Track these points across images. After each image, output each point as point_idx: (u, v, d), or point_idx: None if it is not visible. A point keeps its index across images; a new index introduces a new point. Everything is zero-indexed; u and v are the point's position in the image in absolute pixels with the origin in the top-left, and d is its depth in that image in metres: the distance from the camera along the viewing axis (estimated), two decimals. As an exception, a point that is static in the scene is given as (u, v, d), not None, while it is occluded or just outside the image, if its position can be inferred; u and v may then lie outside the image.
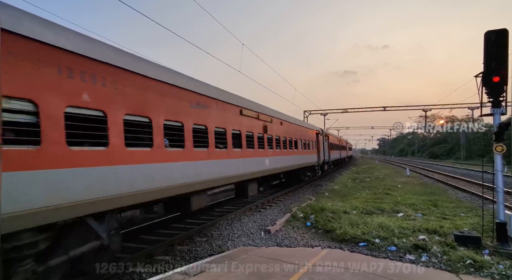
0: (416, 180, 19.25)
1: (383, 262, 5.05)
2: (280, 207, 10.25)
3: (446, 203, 10.41)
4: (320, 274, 4.39)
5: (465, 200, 11.63)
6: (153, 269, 5.09)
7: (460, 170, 27.55)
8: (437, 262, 5.01)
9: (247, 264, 4.85)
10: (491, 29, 5.74)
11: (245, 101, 9.26)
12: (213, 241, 6.52)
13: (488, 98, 5.90)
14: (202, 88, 6.80)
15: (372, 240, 6.03)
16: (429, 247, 5.50)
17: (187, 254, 5.86)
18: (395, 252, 5.52)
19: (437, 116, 61.99)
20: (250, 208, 9.92)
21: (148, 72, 5.13)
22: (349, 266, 4.69)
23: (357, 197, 11.94)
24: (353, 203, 10.08)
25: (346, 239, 6.23)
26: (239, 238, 6.66)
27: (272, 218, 8.52)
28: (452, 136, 54.02)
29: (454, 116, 62.74)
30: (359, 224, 7.06)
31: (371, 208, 9.20)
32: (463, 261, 4.90)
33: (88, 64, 4.05)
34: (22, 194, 3.19)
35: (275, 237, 6.69)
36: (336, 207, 9.07)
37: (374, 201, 10.68)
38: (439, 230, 6.52)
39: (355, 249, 5.73)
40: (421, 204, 10.09)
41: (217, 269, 4.64)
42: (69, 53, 3.79)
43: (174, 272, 4.58)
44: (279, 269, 4.61)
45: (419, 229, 6.67)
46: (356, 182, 18.82)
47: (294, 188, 14.94)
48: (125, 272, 4.92)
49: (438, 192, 13.58)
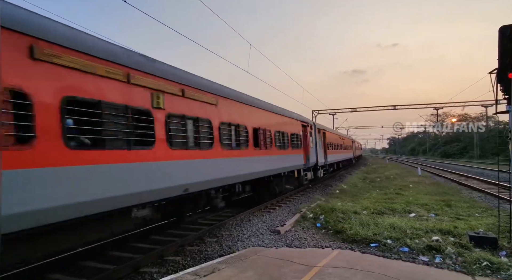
0: (428, 179, 18.87)
1: (395, 263, 4.96)
2: (290, 208, 10.20)
3: (460, 203, 10.17)
4: (331, 275, 4.34)
5: (480, 200, 11.33)
6: (164, 269, 5.14)
7: (474, 169, 26.87)
8: (452, 263, 4.88)
9: (257, 265, 4.85)
10: (506, 24, 5.57)
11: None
12: (223, 242, 6.54)
13: (504, 95, 5.74)
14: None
15: (384, 241, 5.93)
16: (443, 248, 5.37)
17: (197, 254, 5.89)
18: (407, 253, 5.41)
19: (449, 114, 60.69)
20: (260, 208, 9.91)
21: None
22: (360, 267, 4.62)
23: (368, 197, 11.78)
24: (364, 203, 9.95)
25: (357, 240, 6.15)
26: (249, 239, 6.66)
27: (282, 218, 8.49)
28: (465, 135, 52.80)
29: (467, 114, 61.31)
30: (370, 225, 6.96)
31: (382, 208, 9.06)
32: (479, 263, 4.76)
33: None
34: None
35: (284, 237, 6.66)
36: (346, 208, 8.96)
37: (385, 201, 10.51)
38: (453, 231, 6.37)
39: (367, 250, 5.64)
40: (433, 204, 9.87)
41: (228, 270, 4.65)
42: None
43: (185, 272, 4.61)
44: (289, 270, 4.59)
45: (432, 230, 6.52)
46: (366, 182, 18.58)
47: (303, 189, 14.80)
48: (137, 272, 4.99)
49: (451, 192, 13.28)
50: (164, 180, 5.25)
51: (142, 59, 5.19)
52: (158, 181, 5.10)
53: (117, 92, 4.48)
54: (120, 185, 4.41)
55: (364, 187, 15.84)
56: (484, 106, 41.30)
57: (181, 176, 5.68)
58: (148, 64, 5.23)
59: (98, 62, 4.20)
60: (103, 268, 4.98)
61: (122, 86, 4.58)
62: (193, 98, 6.18)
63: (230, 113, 7.70)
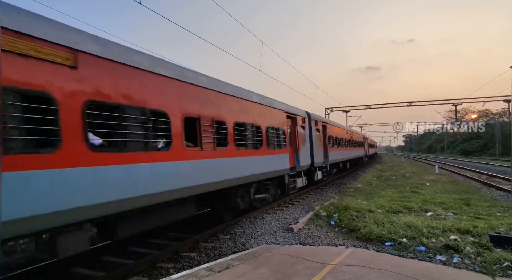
0: (446, 178, 18.33)
1: (411, 262, 4.88)
2: (303, 206, 10.18)
3: (480, 202, 9.83)
4: (345, 273, 4.33)
5: (502, 198, 10.91)
6: (179, 265, 5.28)
7: (496, 167, 25.84)
8: (471, 263, 4.76)
9: (271, 262, 4.90)
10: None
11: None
12: (237, 239, 6.63)
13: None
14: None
15: (399, 239, 5.84)
16: (462, 248, 5.23)
17: (212, 251, 6.00)
18: (424, 252, 5.31)
19: (468, 111, 58.49)
20: (273, 206, 9.94)
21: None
22: (375, 266, 4.58)
23: (383, 196, 11.58)
24: (378, 202, 9.79)
25: (371, 239, 6.08)
26: (262, 236, 6.71)
27: (295, 216, 8.50)
28: (486, 131, 50.85)
29: (488, 110, 58.89)
30: (384, 223, 6.86)
31: (398, 207, 8.90)
32: (499, 263, 4.63)
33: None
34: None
35: (298, 235, 6.68)
36: (361, 206, 8.86)
37: (400, 200, 10.30)
38: (472, 230, 6.19)
39: (381, 249, 5.58)
40: (452, 203, 9.59)
41: (242, 266, 4.72)
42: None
43: (200, 268, 4.72)
44: (303, 267, 4.61)
45: (450, 229, 6.36)
46: (381, 180, 18.24)
47: (316, 187, 14.68)
48: (154, 267, 5.15)
49: (470, 191, 12.85)
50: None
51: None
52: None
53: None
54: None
55: (379, 185, 15.56)
56: (507, 101, 39.54)
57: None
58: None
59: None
60: (122, 262, 5.17)
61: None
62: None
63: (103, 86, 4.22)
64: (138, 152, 4.55)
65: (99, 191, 3.94)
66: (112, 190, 4.13)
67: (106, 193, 4.03)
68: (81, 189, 3.73)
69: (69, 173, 3.62)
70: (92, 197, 3.85)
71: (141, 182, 4.54)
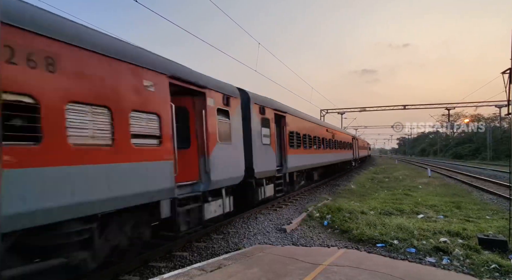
0: (438, 181, 18.56)
1: (402, 263, 4.95)
2: (296, 207, 10.22)
3: (470, 205, 9.99)
4: (336, 273, 4.37)
5: (491, 202, 11.10)
6: (171, 264, 5.25)
7: (486, 171, 26.23)
8: (459, 265, 4.84)
9: (263, 262, 4.91)
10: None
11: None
12: (229, 239, 6.62)
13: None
14: None
15: (391, 241, 5.91)
16: (451, 250, 5.32)
17: (204, 250, 5.99)
18: (414, 254, 5.38)
19: (461, 115, 59.35)
20: (266, 207, 9.96)
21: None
22: (366, 267, 4.63)
23: (375, 198, 11.70)
24: (371, 204, 9.89)
25: (363, 240, 6.14)
26: (255, 236, 6.72)
27: (288, 217, 8.53)
28: (477, 135, 51.58)
29: (480, 115, 59.80)
30: (377, 225, 6.93)
31: (390, 209, 8.99)
32: (487, 265, 4.71)
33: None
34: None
35: (291, 236, 6.71)
36: (353, 207, 8.93)
37: (393, 202, 10.42)
38: (462, 233, 6.29)
39: (373, 250, 5.64)
40: (443, 206, 9.73)
41: (234, 266, 4.72)
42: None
43: (192, 267, 4.70)
44: (295, 267, 4.63)
45: (440, 231, 6.45)
46: (375, 182, 18.41)
47: (310, 188, 14.75)
48: (146, 266, 5.12)
49: (461, 194, 13.05)
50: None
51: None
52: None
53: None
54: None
55: (372, 187, 15.70)
56: (498, 107, 40.21)
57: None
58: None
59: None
60: (113, 261, 5.12)
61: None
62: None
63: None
64: None
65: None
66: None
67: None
68: None
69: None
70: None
71: None
